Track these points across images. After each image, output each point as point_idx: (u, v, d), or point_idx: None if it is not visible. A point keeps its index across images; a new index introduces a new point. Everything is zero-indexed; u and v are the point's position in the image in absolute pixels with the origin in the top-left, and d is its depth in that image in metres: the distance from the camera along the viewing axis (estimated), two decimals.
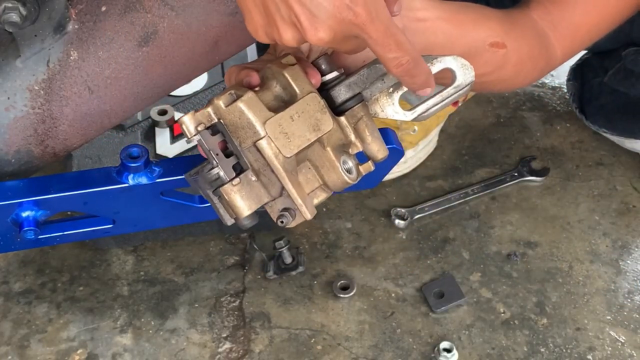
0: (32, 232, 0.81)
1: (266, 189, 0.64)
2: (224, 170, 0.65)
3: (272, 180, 0.64)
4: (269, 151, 0.63)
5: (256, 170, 0.64)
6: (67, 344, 1.19)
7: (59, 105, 0.86)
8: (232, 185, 0.64)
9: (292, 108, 0.64)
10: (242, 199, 0.64)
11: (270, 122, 0.63)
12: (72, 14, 0.84)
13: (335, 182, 0.66)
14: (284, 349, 1.18)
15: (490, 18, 0.87)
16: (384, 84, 0.70)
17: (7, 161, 0.88)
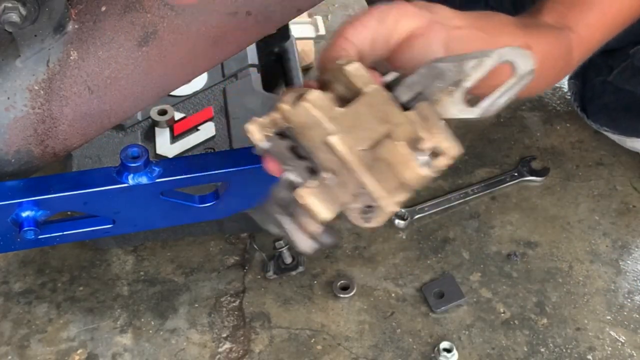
0: (32, 232, 0.81)
1: (344, 189, 0.61)
2: (298, 173, 0.61)
3: (348, 179, 0.61)
4: (340, 147, 0.60)
5: (330, 171, 0.61)
6: (67, 344, 1.19)
7: (59, 105, 0.86)
8: (307, 188, 0.60)
9: (359, 102, 0.61)
10: (320, 201, 0.60)
11: (339, 117, 0.60)
12: (72, 14, 0.84)
13: (412, 177, 0.63)
14: (284, 349, 1.18)
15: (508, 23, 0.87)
16: (443, 82, 0.66)
17: (7, 161, 0.88)
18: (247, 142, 1.24)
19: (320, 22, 1.67)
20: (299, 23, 1.65)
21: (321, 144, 0.61)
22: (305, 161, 0.61)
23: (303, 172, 0.62)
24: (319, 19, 1.68)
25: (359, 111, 0.61)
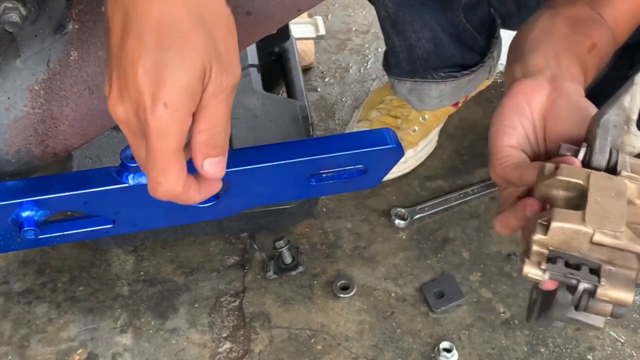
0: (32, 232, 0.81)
1: (627, 269, 0.66)
2: (588, 280, 0.66)
3: (627, 257, 0.66)
4: (607, 239, 0.65)
5: (607, 261, 0.66)
6: (67, 344, 1.19)
7: (59, 105, 0.86)
8: (603, 286, 0.66)
9: (591, 194, 0.67)
10: (619, 290, 0.65)
11: (587, 217, 0.65)
12: (72, 14, 0.84)
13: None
14: (284, 348, 1.18)
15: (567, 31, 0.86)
16: (617, 128, 0.73)
17: (7, 161, 0.88)
18: (247, 142, 1.25)
19: (320, 22, 1.67)
20: (299, 23, 1.65)
21: (589, 246, 0.66)
22: (583, 267, 0.67)
23: (588, 276, 0.66)
24: (319, 19, 1.68)
25: (596, 201, 0.66)
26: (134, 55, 0.63)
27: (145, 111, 0.62)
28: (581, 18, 0.89)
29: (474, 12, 1.35)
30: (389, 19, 1.30)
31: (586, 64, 0.85)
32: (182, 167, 0.65)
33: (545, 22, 0.88)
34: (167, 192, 0.66)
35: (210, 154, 0.66)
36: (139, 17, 0.63)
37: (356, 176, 0.90)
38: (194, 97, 0.63)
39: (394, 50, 1.36)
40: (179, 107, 0.62)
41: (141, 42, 0.62)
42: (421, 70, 1.38)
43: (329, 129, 1.54)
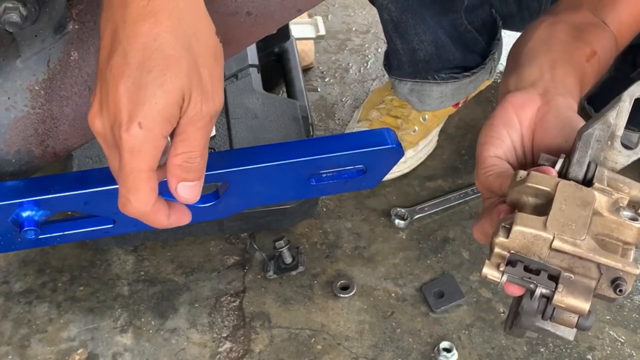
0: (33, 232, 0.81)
1: (587, 277, 0.67)
2: (545, 285, 0.67)
3: (587, 267, 0.67)
4: (566, 246, 0.66)
5: (567, 269, 0.67)
6: (68, 344, 1.19)
7: (60, 106, 0.86)
8: (560, 293, 0.67)
9: (556, 202, 0.68)
10: (576, 298, 0.67)
11: (549, 223, 0.67)
12: (72, 14, 0.84)
13: (631, 235, 0.69)
14: (284, 348, 1.18)
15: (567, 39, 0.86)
16: (601, 142, 0.73)
17: (7, 161, 0.88)
18: (247, 142, 1.25)
19: (320, 22, 1.67)
20: (299, 23, 1.65)
21: (548, 252, 0.67)
22: (542, 273, 0.68)
23: (546, 281, 0.67)
24: (319, 19, 1.68)
25: (560, 209, 0.67)
26: (117, 72, 0.64)
27: (120, 128, 0.64)
28: (582, 24, 0.89)
29: (475, 14, 1.35)
30: (392, 23, 1.30)
31: (584, 72, 0.85)
32: (152, 188, 0.67)
33: (545, 31, 0.88)
34: (135, 210, 0.68)
35: (185, 177, 0.68)
36: (127, 37, 0.64)
37: (356, 176, 0.90)
38: (170, 120, 0.65)
39: (396, 53, 1.36)
40: (153, 128, 0.64)
41: (126, 60, 0.64)
42: (423, 72, 1.38)
43: (329, 129, 1.54)
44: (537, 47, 0.86)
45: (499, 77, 1.63)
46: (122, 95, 0.64)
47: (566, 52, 0.85)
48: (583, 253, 0.66)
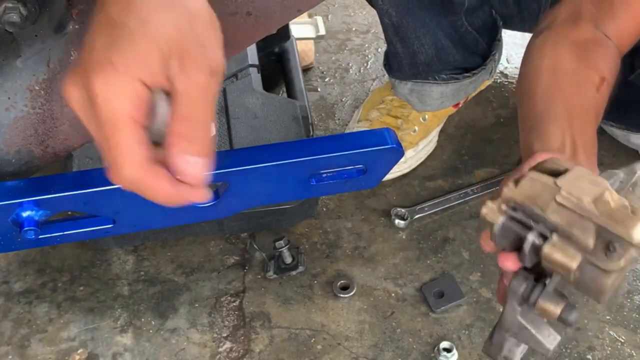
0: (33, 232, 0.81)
1: (582, 238, 0.65)
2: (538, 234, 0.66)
3: (585, 228, 0.65)
4: (570, 200, 0.65)
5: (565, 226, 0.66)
6: (68, 344, 1.19)
7: (60, 105, 0.86)
8: (551, 244, 0.65)
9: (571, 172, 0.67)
10: (565, 254, 0.64)
11: (559, 181, 0.66)
12: (72, 14, 0.84)
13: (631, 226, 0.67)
14: (284, 348, 1.18)
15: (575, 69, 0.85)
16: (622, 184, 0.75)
17: (7, 161, 0.88)
18: (247, 142, 1.25)
19: (320, 22, 1.68)
20: (299, 23, 1.65)
21: (553, 204, 0.65)
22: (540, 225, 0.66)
23: (541, 228, 0.66)
24: (319, 19, 1.68)
25: (573, 177, 0.67)
26: (96, 27, 0.58)
27: (92, 74, 0.56)
28: (586, 43, 0.88)
29: (475, 15, 1.35)
30: (392, 27, 1.30)
31: (597, 106, 0.84)
32: (137, 140, 0.57)
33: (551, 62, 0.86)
34: (127, 174, 0.58)
35: (188, 149, 0.59)
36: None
37: (356, 176, 0.90)
38: (148, 64, 0.57)
39: (397, 56, 1.36)
40: (129, 70, 0.56)
41: (105, 11, 0.59)
42: (423, 73, 1.38)
43: (329, 129, 1.54)
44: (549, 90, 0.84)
45: (499, 77, 1.63)
46: (98, 43, 0.57)
47: (578, 93, 0.84)
48: (585, 210, 0.64)
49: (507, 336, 0.72)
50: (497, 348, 0.73)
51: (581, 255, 0.64)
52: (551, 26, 0.92)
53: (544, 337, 0.71)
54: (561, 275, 0.67)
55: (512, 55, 1.69)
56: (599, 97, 0.85)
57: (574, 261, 0.64)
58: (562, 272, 0.65)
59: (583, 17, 0.90)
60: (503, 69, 1.66)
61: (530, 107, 0.85)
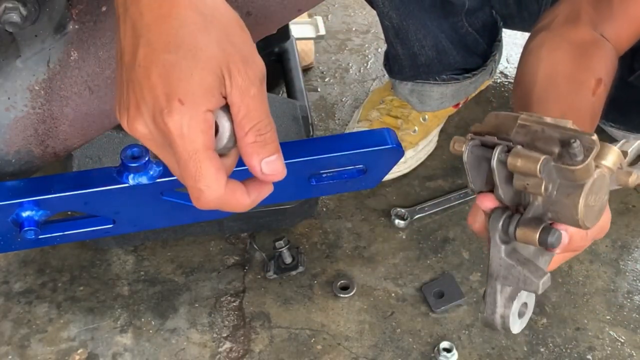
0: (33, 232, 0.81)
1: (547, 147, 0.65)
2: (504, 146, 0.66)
3: (548, 138, 0.65)
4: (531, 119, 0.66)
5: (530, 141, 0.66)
6: (68, 344, 1.19)
7: (60, 105, 0.86)
8: (516, 151, 0.65)
9: None
10: (528, 159, 0.64)
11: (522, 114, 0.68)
12: (72, 14, 0.84)
13: None
14: (284, 348, 1.18)
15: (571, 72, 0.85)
16: None
17: (7, 161, 0.88)
18: None
19: (320, 22, 1.67)
20: (299, 23, 1.65)
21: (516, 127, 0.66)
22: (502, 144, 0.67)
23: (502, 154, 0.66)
24: (319, 19, 1.68)
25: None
26: (145, 62, 0.61)
27: (162, 115, 0.60)
28: (584, 44, 0.88)
29: (476, 16, 1.35)
30: (393, 29, 1.30)
31: (593, 109, 0.84)
32: (217, 167, 0.62)
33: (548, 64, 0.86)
34: (210, 197, 0.62)
35: (263, 153, 0.63)
36: (148, 26, 0.62)
37: (356, 176, 0.90)
38: (212, 92, 0.60)
39: (397, 58, 1.36)
40: (196, 102, 0.60)
41: (151, 48, 0.61)
42: (424, 74, 1.38)
43: (329, 129, 1.54)
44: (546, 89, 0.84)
45: (499, 77, 1.63)
46: (155, 81, 0.60)
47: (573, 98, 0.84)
48: (546, 123, 0.65)
49: (498, 286, 0.70)
50: (492, 305, 0.71)
51: (547, 159, 0.64)
52: (549, 26, 0.91)
53: (531, 272, 0.68)
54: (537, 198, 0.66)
55: (512, 55, 1.69)
56: (595, 99, 0.85)
57: (538, 162, 0.63)
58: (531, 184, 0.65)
59: (581, 19, 0.90)
60: (503, 69, 1.66)
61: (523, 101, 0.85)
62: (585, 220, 0.65)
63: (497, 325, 0.71)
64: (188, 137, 0.60)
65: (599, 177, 0.65)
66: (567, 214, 0.66)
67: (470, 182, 0.70)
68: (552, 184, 0.65)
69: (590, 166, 0.63)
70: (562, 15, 0.92)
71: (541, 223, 0.66)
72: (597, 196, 0.66)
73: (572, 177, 0.64)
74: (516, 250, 0.69)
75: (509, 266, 0.69)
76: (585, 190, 0.64)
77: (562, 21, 0.91)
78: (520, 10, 1.39)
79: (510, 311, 0.71)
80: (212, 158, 0.61)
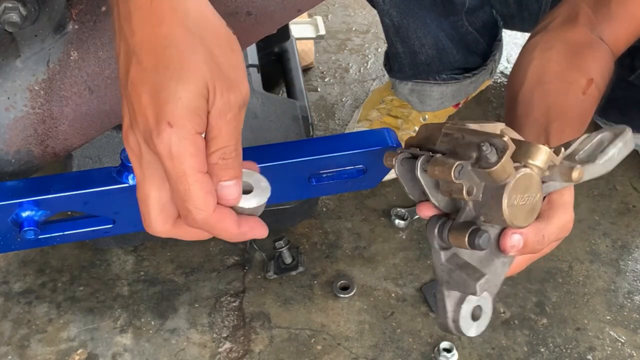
0: (32, 232, 0.81)
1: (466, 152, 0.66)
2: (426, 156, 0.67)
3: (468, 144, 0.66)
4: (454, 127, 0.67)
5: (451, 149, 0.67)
6: (67, 344, 1.19)
7: (59, 105, 0.86)
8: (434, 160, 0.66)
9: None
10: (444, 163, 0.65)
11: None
12: (72, 14, 0.84)
13: None
14: (284, 348, 1.18)
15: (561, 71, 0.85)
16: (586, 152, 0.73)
17: (7, 161, 0.88)
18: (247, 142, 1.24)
19: (320, 22, 1.67)
20: (299, 23, 1.65)
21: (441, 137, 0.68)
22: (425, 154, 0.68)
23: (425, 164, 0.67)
24: (319, 19, 1.68)
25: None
26: (136, 82, 0.62)
27: (151, 135, 0.61)
28: (578, 45, 0.88)
29: (476, 15, 1.35)
30: (393, 27, 1.30)
31: (581, 108, 0.84)
32: (206, 190, 0.62)
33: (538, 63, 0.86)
34: (198, 218, 0.63)
35: (222, 176, 0.64)
36: (139, 44, 0.62)
37: (356, 176, 0.90)
38: (198, 113, 0.61)
39: (397, 56, 1.36)
40: (184, 124, 0.60)
41: (141, 67, 0.62)
42: (424, 73, 1.38)
43: (329, 129, 1.54)
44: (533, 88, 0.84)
45: (499, 77, 1.63)
46: (145, 102, 0.61)
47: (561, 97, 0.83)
48: (467, 128, 0.66)
49: (445, 291, 0.71)
50: (442, 310, 0.72)
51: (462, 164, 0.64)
52: (547, 27, 0.92)
53: (468, 275, 0.70)
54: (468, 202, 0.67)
55: (512, 55, 1.69)
56: (585, 99, 0.85)
57: (452, 168, 0.64)
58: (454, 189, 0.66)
59: (579, 20, 0.90)
60: (503, 69, 1.66)
61: (512, 113, 0.85)
62: (513, 219, 0.66)
63: (452, 330, 0.72)
64: (177, 159, 0.61)
65: (524, 177, 0.65)
66: (495, 215, 0.66)
67: (408, 194, 0.71)
68: (476, 187, 0.66)
69: (505, 167, 0.64)
70: (560, 17, 0.92)
71: (470, 227, 0.67)
72: (526, 195, 0.66)
73: (490, 179, 0.65)
74: (457, 255, 0.70)
75: (450, 271, 0.70)
76: (507, 191, 0.65)
77: (560, 22, 0.91)
78: (521, 10, 1.39)
79: (460, 315, 0.72)
80: (201, 181, 0.62)
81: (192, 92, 0.61)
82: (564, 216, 0.72)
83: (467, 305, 0.72)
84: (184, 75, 0.61)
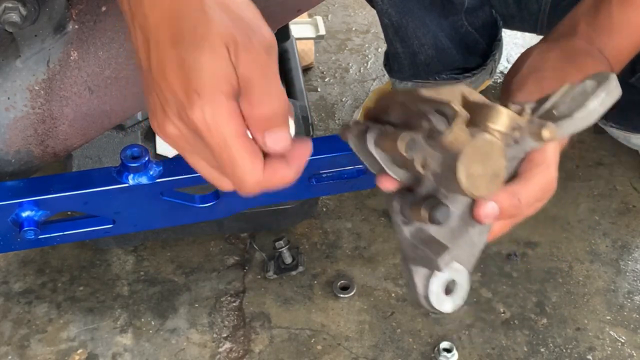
0: (32, 232, 0.81)
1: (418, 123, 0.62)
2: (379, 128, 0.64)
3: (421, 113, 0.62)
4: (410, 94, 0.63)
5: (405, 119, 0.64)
6: (67, 344, 1.19)
7: (59, 105, 0.86)
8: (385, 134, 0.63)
9: None
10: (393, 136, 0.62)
11: None
12: (72, 14, 0.84)
13: None
14: (284, 348, 1.18)
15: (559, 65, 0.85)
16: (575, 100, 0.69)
17: (7, 161, 0.88)
18: None
19: (320, 22, 1.67)
20: (299, 23, 1.65)
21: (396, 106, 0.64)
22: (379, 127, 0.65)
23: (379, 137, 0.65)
24: (319, 19, 1.68)
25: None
26: (159, 63, 0.61)
27: (185, 110, 0.59)
28: (577, 50, 0.88)
29: (476, 15, 1.35)
30: (392, 27, 1.30)
31: None
32: (251, 152, 0.60)
33: (537, 57, 0.86)
34: (249, 183, 0.61)
35: (267, 126, 0.61)
36: (154, 26, 0.61)
37: (356, 176, 0.90)
38: (226, 77, 0.59)
39: (397, 57, 1.36)
40: (212, 92, 0.58)
41: (160, 47, 0.61)
42: (423, 74, 1.38)
43: (329, 129, 1.54)
44: (528, 74, 0.84)
45: (499, 77, 1.63)
46: (172, 80, 0.59)
47: (556, 79, 0.83)
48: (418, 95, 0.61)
49: (412, 267, 0.68)
50: (412, 287, 0.69)
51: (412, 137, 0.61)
52: (546, 39, 0.92)
53: (431, 250, 0.66)
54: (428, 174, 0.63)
55: (512, 55, 1.69)
56: None
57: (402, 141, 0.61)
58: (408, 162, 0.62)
59: (577, 34, 0.90)
60: (503, 69, 1.66)
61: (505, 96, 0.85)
62: (473, 190, 0.60)
63: (425, 306, 0.69)
64: (214, 128, 0.59)
65: (482, 143, 0.60)
66: (454, 186, 0.61)
67: (369, 168, 0.67)
68: (432, 159, 0.62)
69: (457, 135, 0.59)
70: (559, 31, 0.92)
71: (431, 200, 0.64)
72: (487, 163, 0.61)
73: (443, 149, 0.60)
74: (423, 229, 0.66)
75: (413, 246, 0.67)
76: (461, 160, 0.59)
77: (558, 36, 0.92)
78: (521, 10, 1.40)
79: (429, 290, 0.69)
80: (246, 145, 0.60)
81: (211, 58, 0.59)
82: (544, 176, 0.68)
83: (436, 280, 0.68)
84: (200, 43, 0.59)
